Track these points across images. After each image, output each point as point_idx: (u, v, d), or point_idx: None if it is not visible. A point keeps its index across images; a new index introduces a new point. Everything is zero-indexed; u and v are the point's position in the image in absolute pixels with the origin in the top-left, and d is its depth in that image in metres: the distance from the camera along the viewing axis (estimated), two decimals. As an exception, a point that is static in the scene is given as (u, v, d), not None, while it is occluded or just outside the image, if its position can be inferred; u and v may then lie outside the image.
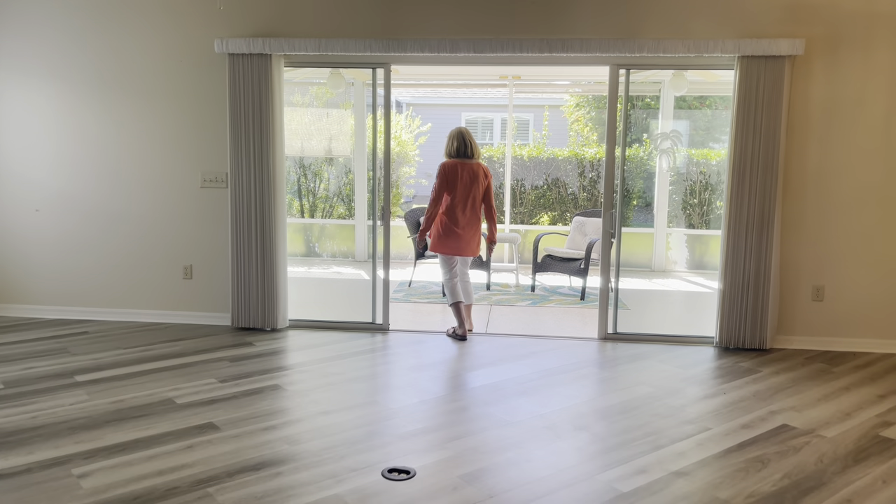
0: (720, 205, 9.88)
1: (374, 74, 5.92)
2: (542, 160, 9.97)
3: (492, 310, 7.10)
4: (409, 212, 8.30)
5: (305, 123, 9.95)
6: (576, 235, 8.24)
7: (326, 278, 8.93)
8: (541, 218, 10.28)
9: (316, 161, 10.54)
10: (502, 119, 19.94)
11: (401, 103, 19.19)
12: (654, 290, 8.50)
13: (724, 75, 7.85)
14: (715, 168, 9.70)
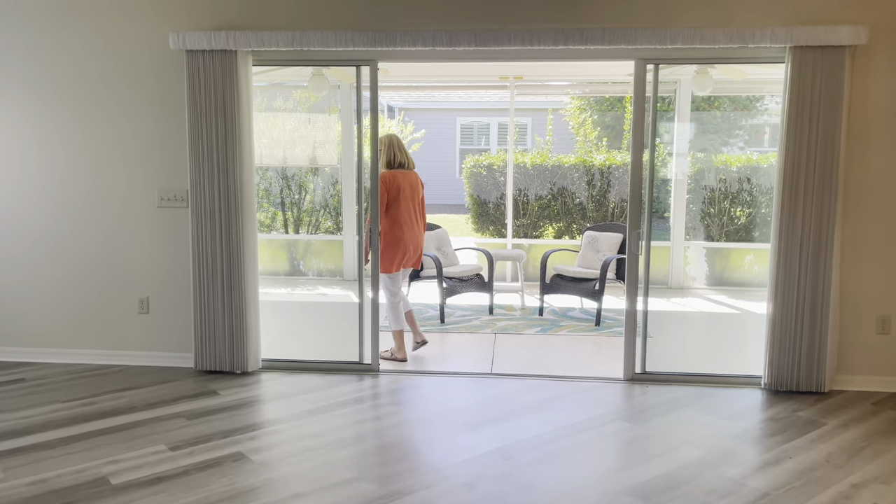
0: (739, 213, 9.08)
1: (358, 74, 5.09)
2: (547, 168, 9.16)
3: (496, 340, 6.25)
4: (401, 228, 7.46)
5: (288, 130, 9.12)
6: (587, 252, 7.41)
7: (311, 301, 8.07)
8: (545, 230, 9.46)
9: (300, 171, 9.70)
10: (499, 123, 19.15)
11: (392, 108, 18.37)
12: (675, 312, 7.66)
13: (754, 72, 7.06)
14: (736, 175, 8.89)
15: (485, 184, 9.38)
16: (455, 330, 6.62)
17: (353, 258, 9.12)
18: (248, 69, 4.82)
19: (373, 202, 5.10)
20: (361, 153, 5.13)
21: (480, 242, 9.21)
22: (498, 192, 9.38)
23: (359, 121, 5.11)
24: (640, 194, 4.92)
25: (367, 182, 5.20)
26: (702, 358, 5.80)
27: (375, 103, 5.02)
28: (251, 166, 4.92)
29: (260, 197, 9.78)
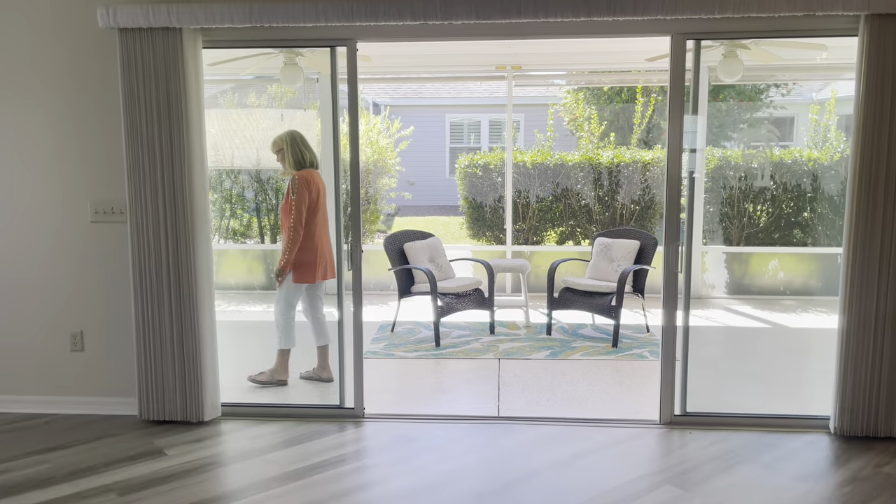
0: (759, 215, 8.26)
1: (332, 57, 4.22)
2: (549, 167, 8.31)
3: (501, 368, 5.38)
4: (389, 238, 6.57)
5: (262, 129, 8.22)
6: (600, 262, 6.55)
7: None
8: (547, 235, 8.62)
9: (276, 174, 8.77)
10: (490, 120, 18.30)
11: (378, 105, 17.47)
12: (699, 328, 6.82)
13: (789, 55, 6.23)
14: (757, 172, 8.06)
15: (480, 185, 8.51)
16: (452, 355, 5.75)
17: (336, 270, 8.21)
18: (198, 52, 3.92)
19: (354, 205, 4.22)
20: (338, 153, 4.25)
21: (477, 251, 8.35)
22: (495, 195, 8.52)
23: (334, 116, 4.23)
24: (678, 200, 4.05)
25: (347, 186, 4.32)
26: (744, 389, 4.95)
27: (355, 93, 4.14)
28: (203, 170, 4.01)
29: (233, 203, 8.87)
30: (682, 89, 3.96)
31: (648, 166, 8.22)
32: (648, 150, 8.38)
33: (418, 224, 15.32)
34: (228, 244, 8.94)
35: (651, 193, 8.28)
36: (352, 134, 4.11)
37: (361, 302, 4.28)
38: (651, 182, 8.25)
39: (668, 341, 4.13)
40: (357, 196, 4.14)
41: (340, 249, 4.26)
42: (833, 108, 8.47)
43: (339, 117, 4.17)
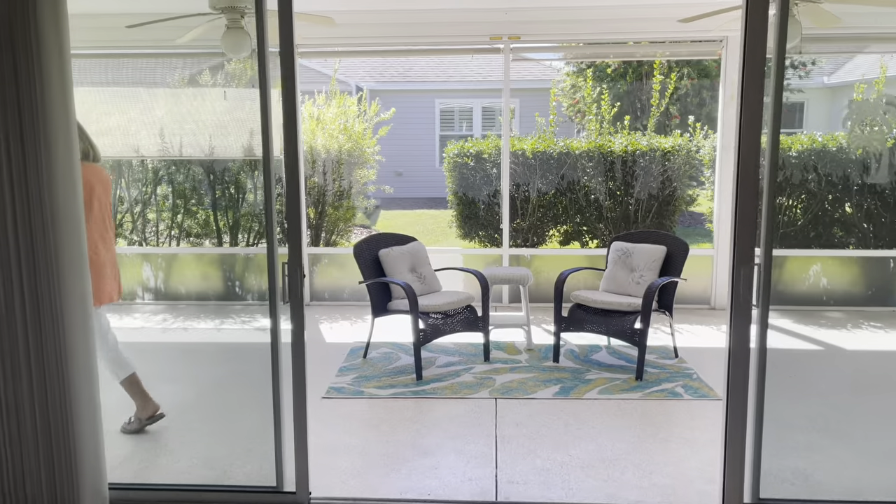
0: (796, 211, 7.10)
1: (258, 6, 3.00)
2: (552, 156, 7.12)
3: (498, 411, 4.21)
4: (361, 244, 5.38)
5: (218, 113, 7.01)
6: (618, 272, 5.38)
7: (235, 344, 5.97)
8: (550, 234, 7.44)
9: (234, 165, 7.57)
10: (483, 107, 17.07)
11: (362, 89, 16.20)
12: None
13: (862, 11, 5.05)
14: (795, 162, 6.89)
15: (472, 177, 7.32)
16: (437, 392, 4.57)
17: (303, 277, 7.01)
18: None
19: (290, 215, 3.03)
20: (268, 139, 3.05)
21: (469, 255, 7.17)
22: (490, 188, 7.32)
23: (262, 91, 3.03)
24: (753, 203, 2.87)
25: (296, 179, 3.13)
26: (824, 449, 3.79)
27: (289, 54, 2.94)
28: (70, 164, 2.80)
29: (187, 199, 7.65)
30: (762, 48, 2.77)
31: (668, 155, 7.04)
32: (666, 137, 7.20)
33: (406, 218, 14.11)
34: (182, 247, 7.73)
35: (671, 187, 7.10)
36: (286, 115, 2.91)
37: (303, 350, 3.10)
38: (672, 174, 7.08)
39: (735, 413, 2.95)
40: (295, 199, 2.94)
41: (274, 270, 3.06)
42: (882, 86, 7.30)
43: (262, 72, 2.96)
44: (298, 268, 2.91)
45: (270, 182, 2.90)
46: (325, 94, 7.89)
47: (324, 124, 7.49)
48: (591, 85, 7.80)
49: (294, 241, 2.91)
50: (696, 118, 7.73)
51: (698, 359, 5.30)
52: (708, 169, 7.35)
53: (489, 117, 16.77)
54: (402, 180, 16.54)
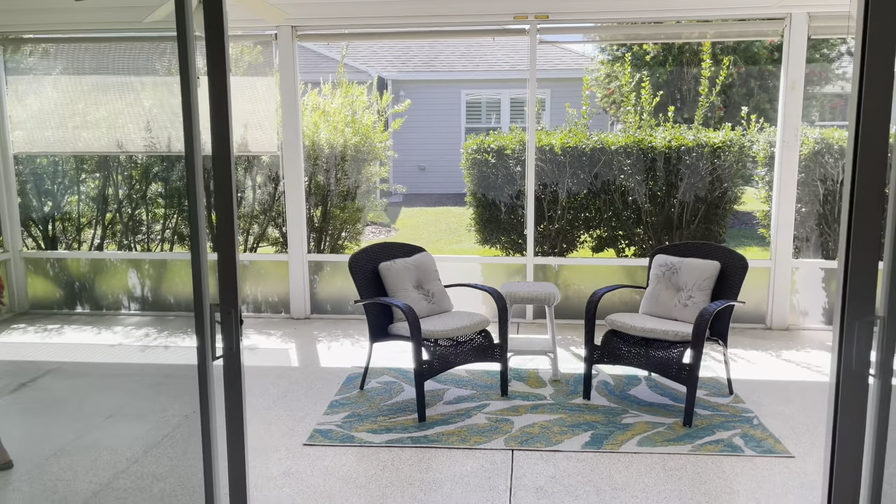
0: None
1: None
2: (584, 152, 6.27)
3: (516, 470, 3.41)
4: (358, 255, 4.60)
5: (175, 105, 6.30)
6: (661, 291, 4.53)
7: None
8: (582, 239, 6.60)
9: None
10: (511, 98, 16.19)
11: (384, 80, 15.44)
12: (802, 383, 4.76)
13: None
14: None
15: (493, 176, 6.50)
16: (442, 438, 3.78)
17: (301, 288, 6.28)
18: None
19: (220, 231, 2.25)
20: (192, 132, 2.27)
21: (488, 264, 6.36)
22: (513, 188, 6.49)
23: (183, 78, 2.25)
24: (877, 216, 2.01)
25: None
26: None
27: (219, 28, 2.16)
28: None
29: (181, 200, 6.96)
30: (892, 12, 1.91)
31: (718, 151, 6.14)
32: (716, 131, 6.30)
33: (427, 216, 13.33)
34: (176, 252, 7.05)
35: (721, 187, 6.21)
36: (214, 107, 2.13)
37: (244, 443, 2.32)
38: (722, 173, 6.17)
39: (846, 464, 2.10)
40: (229, 210, 2.16)
41: (203, 303, 2.28)
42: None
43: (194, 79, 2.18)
44: (234, 311, 2.14)
45: (196, 188, 2.12)
46: (331, 84, 7.13)
47: (328, 116, 6.73)
48: (630, 71, 6.89)
49: (227, 273, 2.14)
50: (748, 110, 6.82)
51: (757, 396, 4.43)
52: (762, 167, 6.43)
53: (518, 109, 15.89)
54: (425, 175, 15.76)
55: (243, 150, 6.30)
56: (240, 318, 2.14)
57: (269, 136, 6.21)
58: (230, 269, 2.11)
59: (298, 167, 6.09)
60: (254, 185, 6.91)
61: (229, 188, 2.09)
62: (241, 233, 7.01)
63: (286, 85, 6.02)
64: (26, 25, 6.11)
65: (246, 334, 5.88)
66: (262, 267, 6.47)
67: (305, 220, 6.24)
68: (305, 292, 6.30)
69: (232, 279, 2.11)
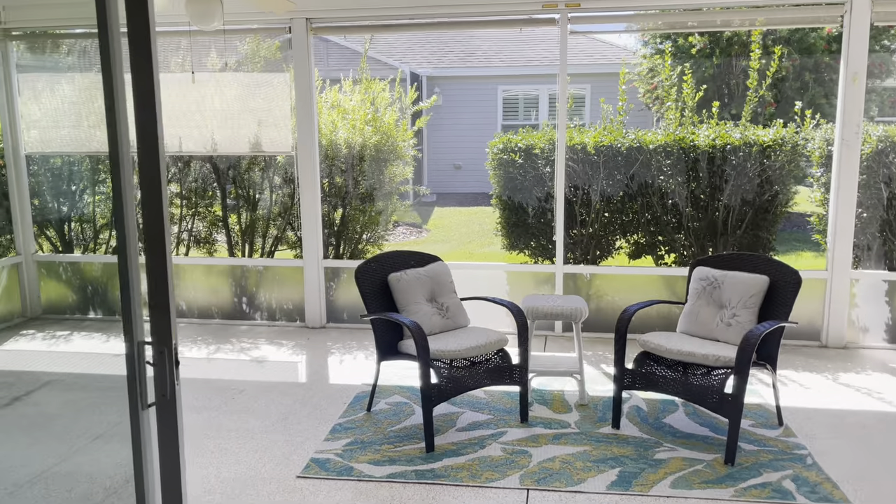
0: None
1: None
2: (620, 151, 5.79)
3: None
4: (366, 265, 4.22)
5: (227, 101, 6.00)
6: (702, 308, 4.04)
7: (238, 382, 4.92)
8: (617, 244, 6.12)
9: (240, 162, 6.55)
10: (549, 94, 15.67)
11: (419, 76, 15.08)
12: (866, 413, 4.22)
13: None
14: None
15: (521, 177, 6.07)
16: (450, 475, 3.39)
17: (317, 295, 5.94)
18: None
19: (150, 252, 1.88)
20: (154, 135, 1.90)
21: (513, 273, 5.93)
22: (542, 190, 6.05)
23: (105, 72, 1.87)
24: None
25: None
26: None
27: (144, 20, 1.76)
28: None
29: (194, 200, 6.70)
30: None
31: (768, 150, 5.60)
32: (766, 129, 5.75)
33: (460, 216, 12.93)
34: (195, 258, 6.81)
35: (772, 190, 5.66)
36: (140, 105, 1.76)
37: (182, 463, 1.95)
38: (772, 174, 5.63)
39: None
40: (159, 221, 1.78)
41: (134, 339, 1.91)
42: None
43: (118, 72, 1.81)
44: (167, 350, 1.77)
45: (124, 196, 1.76)
46: (351, 80, 6.78)
47: (345, 114, 6.39)
48: (671, 63, 6.36)
49: (159, 302, 1.77)
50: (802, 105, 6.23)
51: (810, 428, 3.92)
52: (818, 167, 5.86)
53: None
54: (460, 174, 15.36)
55: (257, 149, 6.00)
56: (176, 359, 1.78)
57: (285, 136, 5.89)
58: (163, 296, 1.75)
59: (314, 168, 5.76)
60: (271, 187, 6.61)
61: (159, 196, 1.72)
62: (258, 236, 6.72)
63: (301, 81, 5.68)
64: (37, 21, 5.91)
65: (257, 344, 5.57)
66: (276, 272, 6.16)
67: (321, 223, 5.90)
68: (321, 300, 5.97)
69: (165, 309, 1.75)
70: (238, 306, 6.23)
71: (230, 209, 6.70)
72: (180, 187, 6.77)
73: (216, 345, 5.57)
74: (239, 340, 5.69)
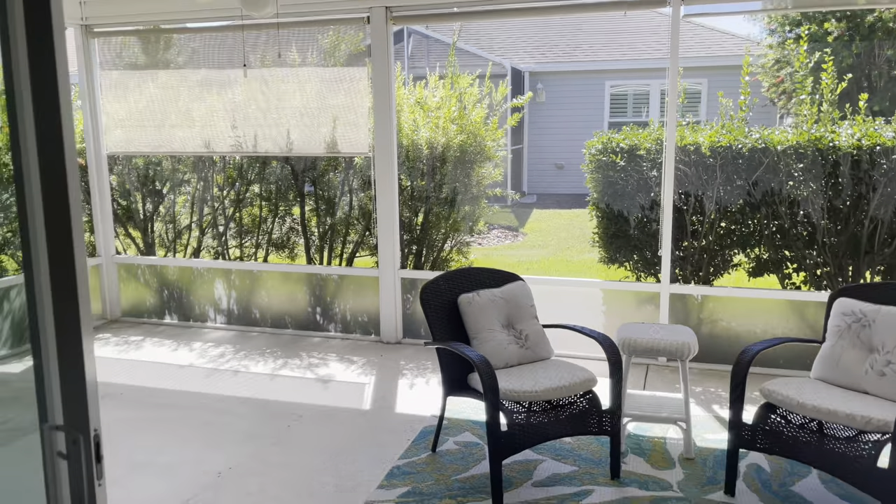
0: None
1: None
2: (741, 153, 4.96)
3: None
4: (432, 284, 3.67)
5: (308, 96, 5.63)
6: (845, 350, 3.23)
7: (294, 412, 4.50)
8: (736, 259, 5.28)
9: (318, 164, 6.16)
10: (661, 89, 14.58)
11: (521, 72, 14.43)
12: None
13: None
14: None
15: (622, 182, 5.34)
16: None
17: (393, 307, 5.47)
18: None
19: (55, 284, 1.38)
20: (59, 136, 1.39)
21: (612, 292, 5.22)
22: (646, 197, 5.30)
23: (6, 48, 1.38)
24: None
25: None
26: None
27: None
28: None
29: (274, 201, 6.40)
30: None
31: (930, 152, 4.61)
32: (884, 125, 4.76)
33: (559, 220, 12.19)
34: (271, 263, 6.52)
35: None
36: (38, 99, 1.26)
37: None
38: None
39: None
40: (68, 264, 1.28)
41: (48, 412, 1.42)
42: None
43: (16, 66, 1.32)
44: (83, 439, 1.27)
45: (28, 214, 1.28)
46: (437, 75, 6.27)
47: (429, 112, 5.88)
48: (806, 49, 5.43)
49: (74, 375, 1.27)
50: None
51: None
52: None
53: (669, 101, 14.27)
54: (561, 175, 14.60)
55: (332, 150, 5.59)
56: (97, 452, 1.28)
57: (362, 136, 5.45)
58: (74, 358, 1.26)
59: (391, 170, 5.29)
60: (350, 190, 6.20)
61: (67, 225, 1.23)
62: (339, 240, 6.34)
63: (379, 76, 5.22)
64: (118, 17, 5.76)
65: (326, 360, 5.16)
66: (352, 281, 5.75)
67: (398, 231, 5.43)
68: (397, 313, 5.49)
69: (78, 376, 1.26)
70: (312, 316, 5.86)
71: (309, 212, 6.36)
72: (261, 188, 6.49)
73: (284, 359, 5.20)
74: (308, 355, 5.29)
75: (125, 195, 6.59)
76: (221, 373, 4.94)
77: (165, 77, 6.01)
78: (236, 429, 4.01)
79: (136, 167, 6.55)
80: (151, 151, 6.08)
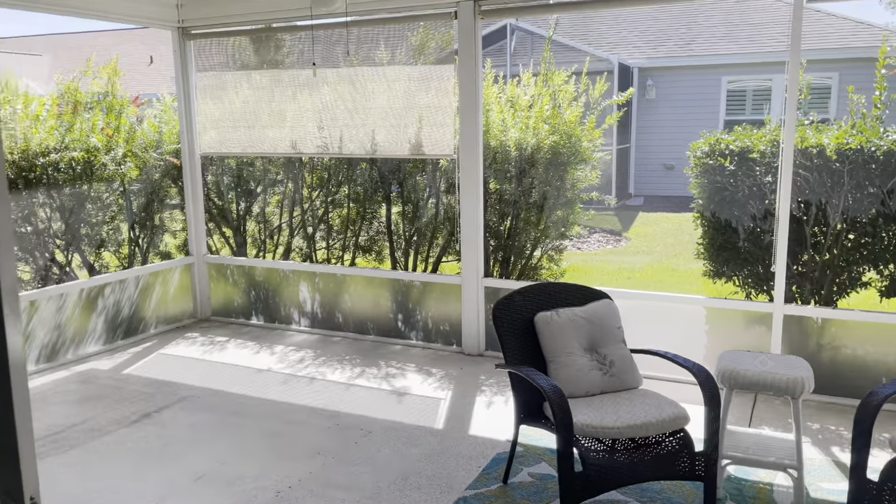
0: None
1: None
2: (874, 156, 4.33)
3: None
4: (508, 299, 3.35)
5: (395, 96, 5.45)
6: None
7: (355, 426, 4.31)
8: (865, 277, 4.62)
9: (398, 164, 5.95)
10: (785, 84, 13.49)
11: (629, 68, 13.76)
12: None
13: None
14: None
15: (732, 188, 4.79)
16: None
17: (475, 318, 5.19)
18: None
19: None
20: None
21: (716, 311, 4.70)
22: (758, 205, 4.73)
23: None
24: None
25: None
26: None
27: None
28: None
29: (362, 202, 6.27)
30: None
31: None
32: None
33: (667, 224, 11.48)
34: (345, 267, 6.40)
35: None
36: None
37: None
38: None
39: None
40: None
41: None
42: None
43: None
44: None
45: None
46: (531, 71, 5.92)
47: (519, 110, 5.55)
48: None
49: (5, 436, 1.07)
50: None
51: None
52: None
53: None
54: (671, 175, 13.82)
55: (417, 152, 5.37)
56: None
57: (447, 137, 5.20)
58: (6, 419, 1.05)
59: (476, 172, 5.01)
60: (437, 193, 5.97)
61: None
62: (424, 245, 6.12)
63: (465, 74, 4.96)
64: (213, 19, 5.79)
65: (404, 371, 4.95)
66: (435, 288, 5.51)
67: (482, 237, 5.14)
68: (479, 324, 5.21)
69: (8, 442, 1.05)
70: (393, 323, 5.67)
71: (395, 216, 6.18)
72: (349, 189, 6.38)
73: (362, 367, 5.03)
74: (387, 363, 5.10)
75: (220, 195, 6.65)
76: (298, 379, 4.82)
77: (258, 77, 6.00)
78: (303, 442, 3.86)
79: (230, 167, 6.60)
80: (241, 152, 6.08)
